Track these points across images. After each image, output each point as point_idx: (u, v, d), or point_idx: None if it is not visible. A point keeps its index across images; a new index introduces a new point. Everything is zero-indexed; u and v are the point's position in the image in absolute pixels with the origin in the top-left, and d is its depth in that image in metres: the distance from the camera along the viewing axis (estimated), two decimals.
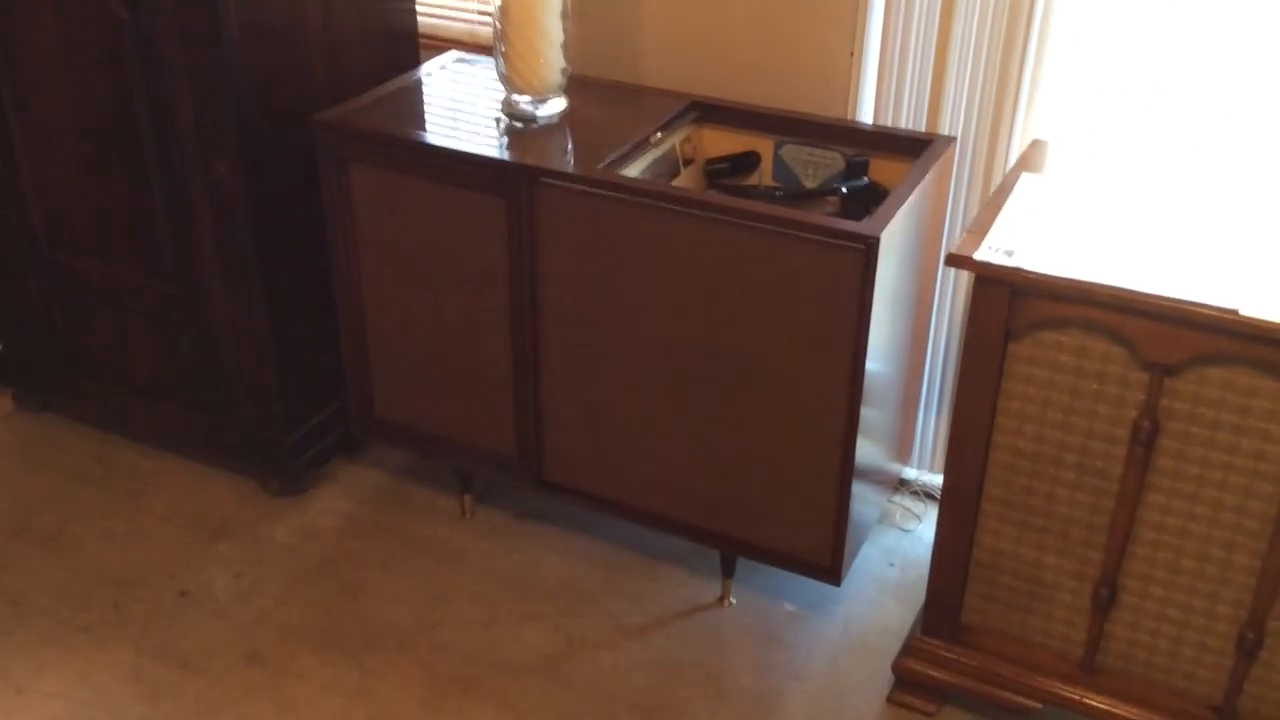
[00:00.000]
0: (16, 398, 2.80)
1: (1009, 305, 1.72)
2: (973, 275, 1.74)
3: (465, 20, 2.60)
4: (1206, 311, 1.59)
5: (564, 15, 2.16)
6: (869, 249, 1.82)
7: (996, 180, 2.15)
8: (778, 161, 2.24)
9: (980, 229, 1.78)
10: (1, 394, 2.82)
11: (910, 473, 2.52)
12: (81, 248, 2.47)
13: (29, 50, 2.29)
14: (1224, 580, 1.78)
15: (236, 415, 2.48)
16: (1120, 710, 1.91)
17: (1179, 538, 1.78)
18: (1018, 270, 1.68)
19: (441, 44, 2.60)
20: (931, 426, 2.45)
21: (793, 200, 2.18)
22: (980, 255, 1.71)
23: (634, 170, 2.11)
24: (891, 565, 2.40)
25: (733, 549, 2.20)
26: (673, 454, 2.14)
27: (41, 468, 2.63)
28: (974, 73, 2.11)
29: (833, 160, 2.19)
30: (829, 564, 2.11)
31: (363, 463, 2.65)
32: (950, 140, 2.13)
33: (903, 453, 2.43)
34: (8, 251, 2.56)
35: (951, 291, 2.31)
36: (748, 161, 2.25)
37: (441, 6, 2.63)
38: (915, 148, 2.12)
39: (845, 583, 2.31)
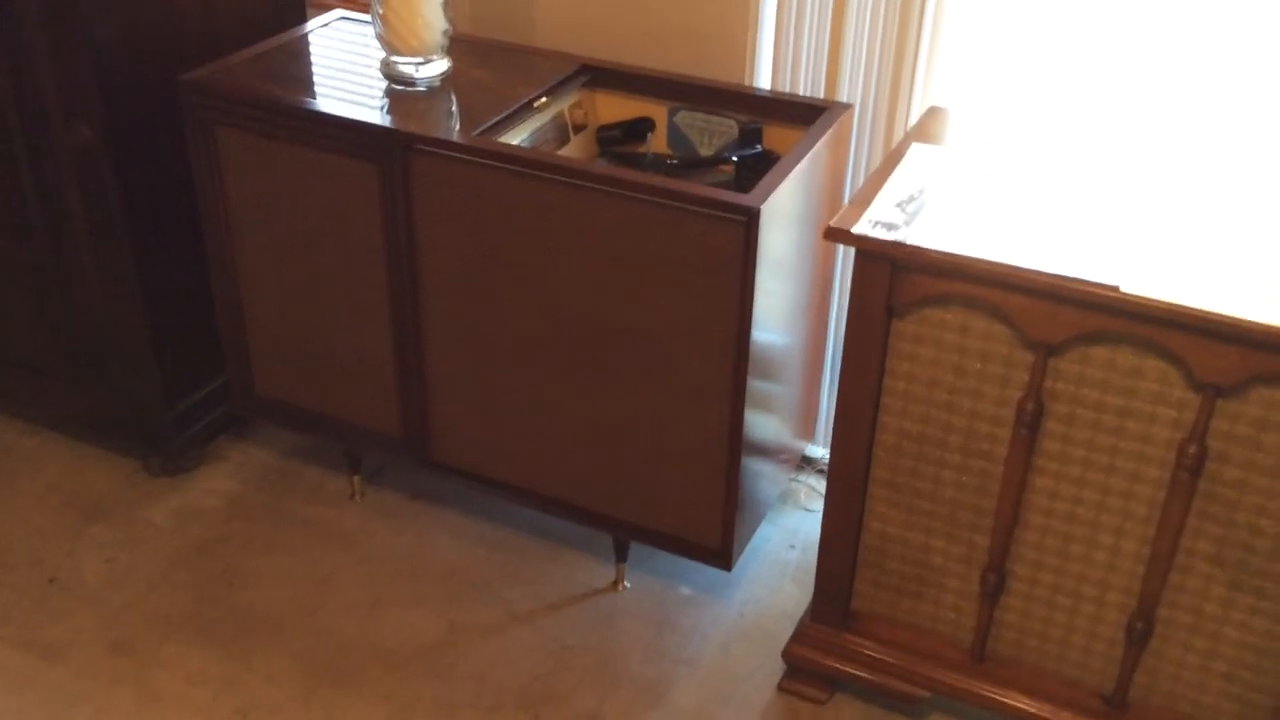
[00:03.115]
0: None
1: (890, 281, 1.64)
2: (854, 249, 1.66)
3: None
4: (1086, 288, 1.51)
5: None
6: (750, 221, 1.73)
7: None
8: (672, 128, 2.15)
9: (863, 200, 1.70)
10: None
11: (815, 450, 2.44)
12: None
13: None
14: (1113, 566, 1.72)
15: (113, 391, 2.38)
16: (1010, 699, 1.85)
17: (1067, 523, 1.72)
18: (897, 244, 1.60)
19: (331, 4, 2.48)
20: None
21: (686, 169, 2.09)
22: (859, 228, 1.63)
23: (517, 137, 2.02)
24: (793, 547, 2.33)
25: (624, 532, 2.12)
26: (562, 433, 2.06)
27: None
28: (871, 37, 2.02)
29: (729, 127, 2.10)
30: (719, 548, 2.03)
31: (251, 441, 2.55)
32: (846, 107, 2.05)
33: (805, 429, 2.36)
34: None
35: (851, 263, 2.22)
36: (641, 128, 2.16)
37: None
38: (811, 114, 2.03)
39: (743, 565, 2.25)
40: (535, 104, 2.05)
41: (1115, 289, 1.50)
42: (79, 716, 1.95)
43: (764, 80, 2.14)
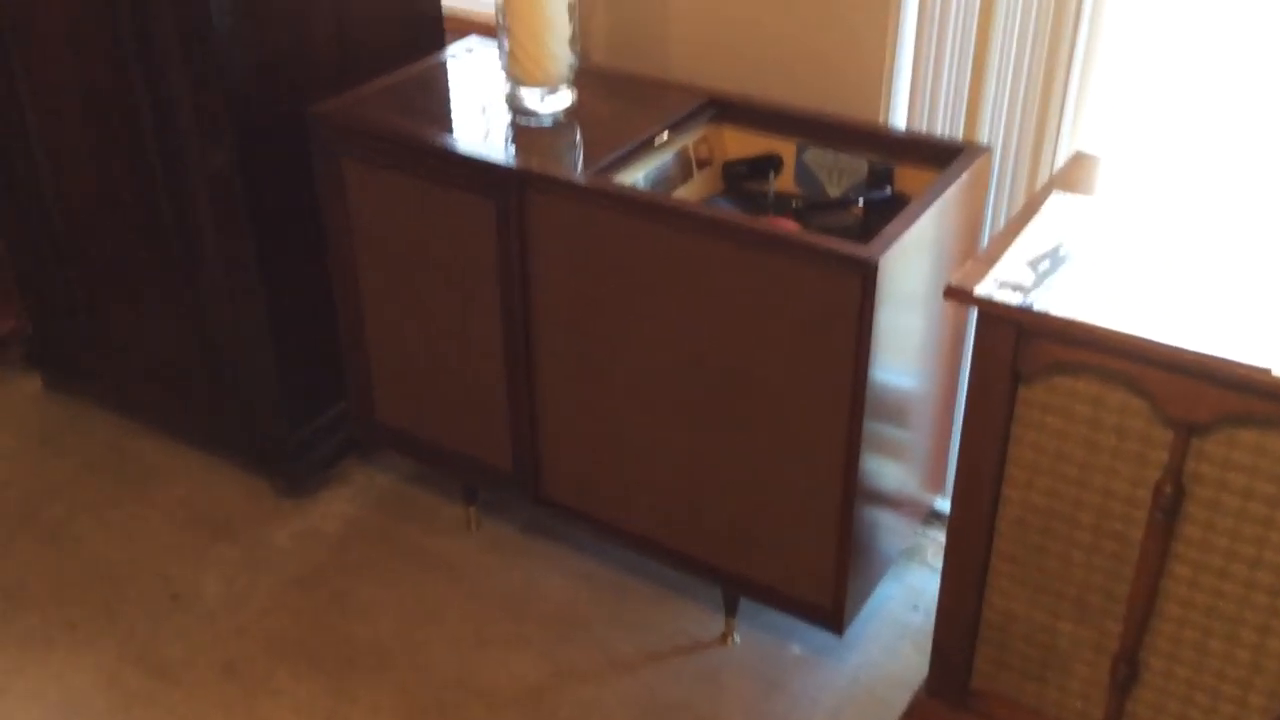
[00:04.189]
0: (46, 381, 2.79)
1: (1015, 346, 1.52)
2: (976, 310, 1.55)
3: (492, 2, 2.46)
4: (1234, 369, 1.37)
5: (571, 6, 2.01)
6: (867, 274, 1.63)
7: None
8: (800, 166, 2.06)
9: (991, 256, 1.58)
10: (32, 377, 2.80)
11: (944, 504, 2.31)
12: (96, 235, 2.43)
13: (41, 37, 2.24)
14: (1257, 667, 1.55)
15: (241, 410, 2.42)
16: None
17: (1207, 616, 1.56)
18: (1023, 309, 1.48)
19: (469, 28, 2.47)
20: None
21: (812, 210, 2.00)
22: (982, 289, 1.51)
23: (637, 173, 1.96)
24: (915, 608, 2.21)
25: (732, 585, 2.04)
26: (671, 478, 2.00)
27: (60, 453, 2.61)
28: (1015, 74, 1.89)
29: (858, 167, 2.00)
30: (830, 608, 1.93)
31: (377, 465, 2.56)
32: (984, 149, 1.92)
33: (934, 481, 2.23)
34: (31, 234, 2.54)
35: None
36: (768, 165, 2.07)
37: None
38: (947, 156, 1.92)
39: (861, 624, 2.15)
40: (656, 141, 1.99)
41: (1267, 371, 1.35)
42: None
43: (899, 117, 2.03)
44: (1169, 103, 1.84)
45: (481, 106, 2.12)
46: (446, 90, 2.20)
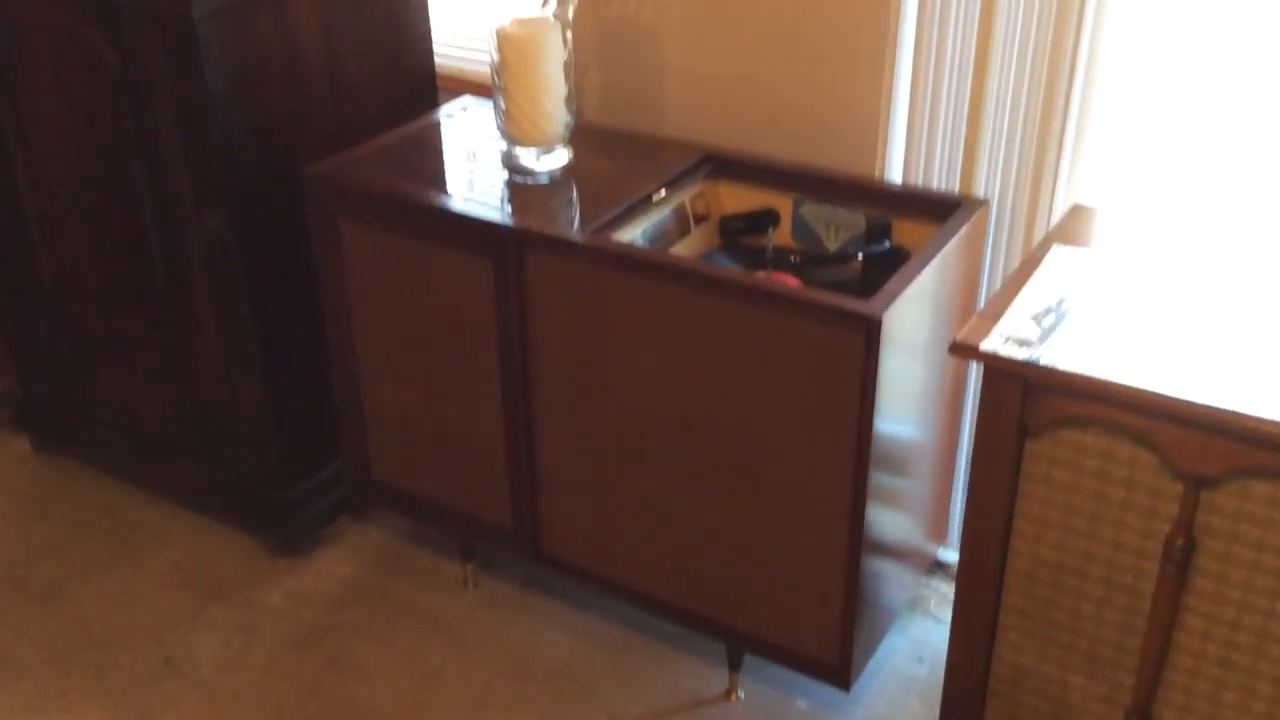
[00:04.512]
0: (34, 443, 2.76)
1: (1022, 401, 1.52)
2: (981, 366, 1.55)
3: (485, 61, 2.48)
4: (1245, 422, 1.37)
5: (567, 65, 2.02)
6: (870, 330, 1.63)
7: None
8: (797, 220, 2.07)
9: (995, 312, 1.58)
10: (21, 439, 2.77)
11: (947, 554, 2.31)
12: (86, 296, 2.42)
13: (34, 98, 2.24)
14: (1273, 718, 1.54)
15: (235, 470, 2.39)
16: None
17: (1220, 668, 1.55)
18: (1029, 364, 1.48)
19: (463, 87, 2.48)
20: None
21: (810, 264, 2.01)
22: (988, 345, 1.51)
23: (634, 230, 1.96)
24: (920, 660, 2.19)
25: (736, 642, 2.03)
26: (672, 534, 1.98)
27: (49, 516, 2.57)
28: (1011, 127, 1.91)
29: (855, 221, 2.01)
30: (836, 665, 1.92)
31: (370, 522, 2.54)
32: (982, 203, 1.93)
33: (937, 531, 2.23)
34: (20, 297, 2.52)
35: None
36: (765, 219, 2.08)
37: (462, 47, 2.51)
38: (944, 210, 1.93)
39: (867, 678, 2.13)
40: (654, 198, 1.99)
41: (1277, 424, 1.35)
42: None
43: (895, 172, 2.05)
44: (1165, 153, 1.86)
45: (477, 166, 2.12)
46: (441, 150, 2.21)
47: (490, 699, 2.12)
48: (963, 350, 1.53)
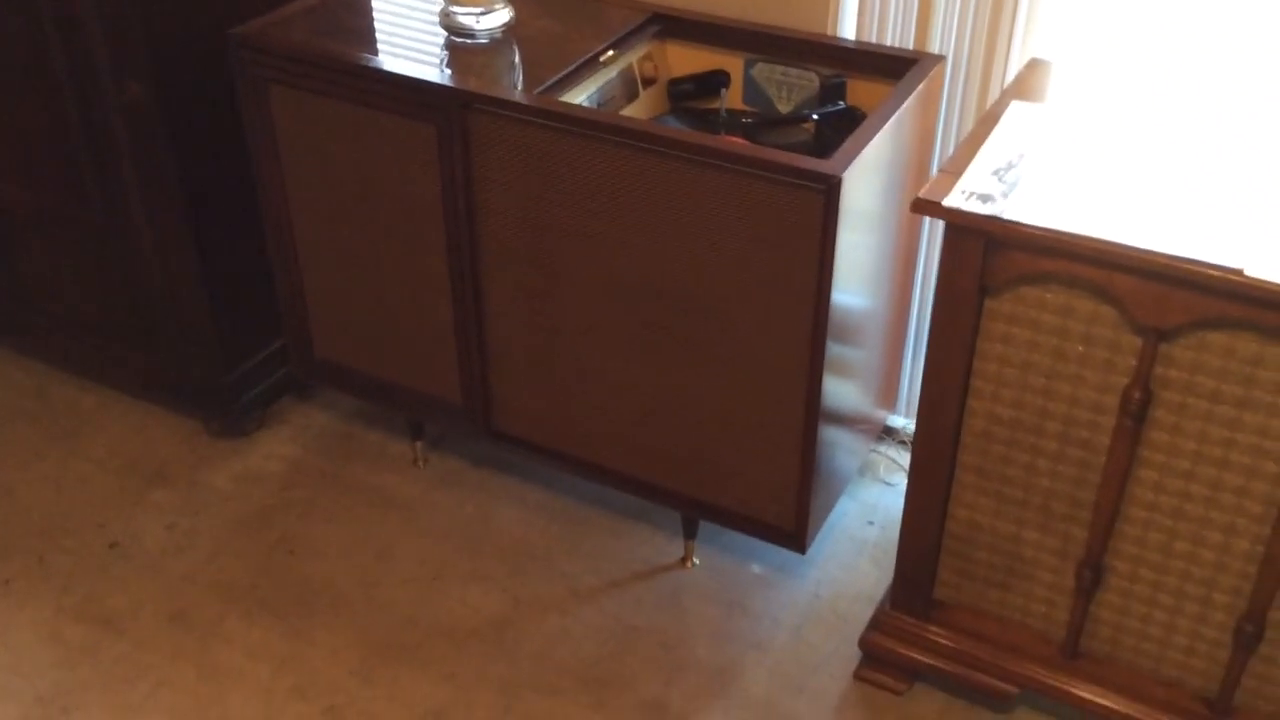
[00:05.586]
0: None
1: (983, 257, 1.51)
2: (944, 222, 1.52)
3: None
4: (1206, 271, 1.36)
5: None
6: (830, 190, 1.60)
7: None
8: (749, 82, 2.01)
9: (956, 168, 1.56)
10: None
11: (896, 420, 2.32)
12: (7, 174, 2.30)
13: None
14: (1221, 566, 1.58)
15: (172, 353, 2.33)
16: (1104, 699, 1.74)
17: (1173, 518, 1.58)
18: (993, 219, 1.46)
19: None
20: (920, 371, 2.24)
21: (763, 127, 1.96)
22: (951, 201, 1.49)
23: (582, 93, 1.90)
24: (871, 523, 2.22)
25: (691, 509, 2.03)
26: (627, 405, 1.96)
27: None
28: None
29: (809, 81, 1.96)
30: (792, 529, 1.93)
31: (315, 403, 2.49)
32: (938, 59, 1.89)
33: (887, 398, 2.23)
34: None
35: (940, 226, 2.08)
36: (715, 82, 2.02)
37: None
38: (899, 67, 1.89)
39: (819, 542, 2.15)
40: (602, 58, 1.92)
41: (1239, 272, 1.35)
42: (138, 691, 1.92)
43: (849, 29, 1.99)
44: (1121, 4, 1.82)
45: (415, 26, 2.02)
46: (372, 9, 2.10)
47: (446, 573, 2.12)
48: (925, 207, 1.50)
